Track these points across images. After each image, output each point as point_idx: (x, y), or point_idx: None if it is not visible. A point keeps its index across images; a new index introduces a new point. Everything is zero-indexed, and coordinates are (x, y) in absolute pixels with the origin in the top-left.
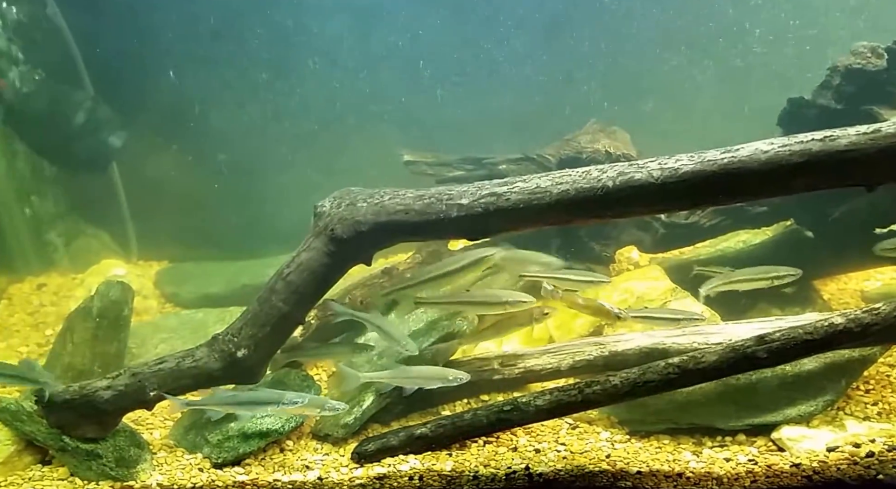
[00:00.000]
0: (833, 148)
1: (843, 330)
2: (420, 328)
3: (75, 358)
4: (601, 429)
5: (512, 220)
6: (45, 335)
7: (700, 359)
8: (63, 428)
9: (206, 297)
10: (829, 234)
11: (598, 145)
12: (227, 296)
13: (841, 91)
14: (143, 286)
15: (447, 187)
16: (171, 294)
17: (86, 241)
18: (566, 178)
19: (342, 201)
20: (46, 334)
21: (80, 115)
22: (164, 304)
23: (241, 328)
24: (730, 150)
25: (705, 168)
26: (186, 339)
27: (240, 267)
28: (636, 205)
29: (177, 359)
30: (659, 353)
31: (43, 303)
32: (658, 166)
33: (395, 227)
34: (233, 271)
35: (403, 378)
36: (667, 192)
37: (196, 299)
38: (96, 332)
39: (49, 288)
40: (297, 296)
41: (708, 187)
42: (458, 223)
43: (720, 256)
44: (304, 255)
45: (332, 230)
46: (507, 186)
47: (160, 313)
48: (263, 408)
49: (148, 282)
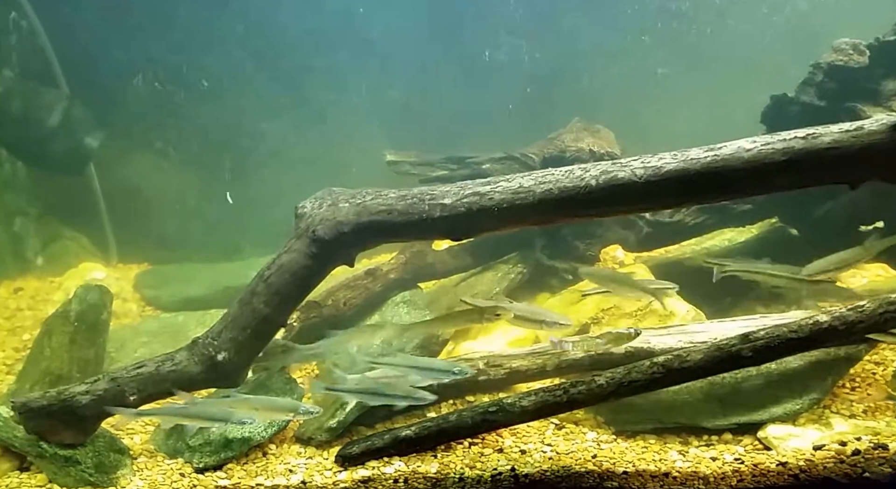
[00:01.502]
0: (816, 146)
1: (828, 328)
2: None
3: (53, 362)
4: (587, 430)
5: (495, 219)
6: (23, 340)
7: (685, 359)
8: (41, 434)
9: (186, 300)
10: (814, 231)
11: (582, 144)
12: (208, 298)
13: (824, 88)
14: (123, 289)
15: (430, 187)
16: (152, 297)
17: (63, 244)
18: (549, 178)
19: (324, 202)
20: (24, 339)
21: (54, 116)
22: (144, 307)
23: (222, 331)
24: (713, 148)
25: (689, 166)
26: (166, 343)
27: (221, 269)
28: (620, 204)
29: (156, 363)
30: (644, 353)
31: (20, 307)
32: (641, 165)
33: (378, 227)
34: (214, 273)
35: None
36: (650, 190)
37: (177, 302)
38: (74, 337)
39: (26, 292)
40: (278, 298)
41: (692, 186)
42: (442, 223)
43: (705, 254)
44: (286, 257)
45: (313, 231)
46: (491, 186)
47: (140, 316)
48: (212, 423)
49: (127, 285)
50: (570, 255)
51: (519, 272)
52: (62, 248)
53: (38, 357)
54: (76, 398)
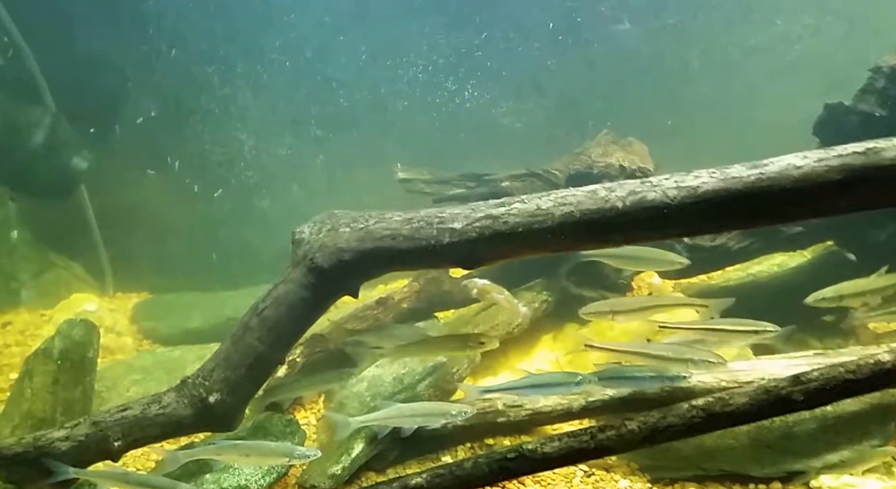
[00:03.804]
0: (877, 162)
1: (891, 369)
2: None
3: (35, 404)
4: (619, 477)
5: (511, 246)
6: (10, 379)
7: (728, 402)
8: (17, 482)
9: (186, 332)
10: (874, 256)
11: (612, 159)
12: (209, 330)
13: (886, 95)
14: (118, 322)
15: (438, 210)
16: (149, 329)
17: (56, 273)
18: (570, 199)
19: (323, 226)
20: (11, 378)
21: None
22: (140, 341)
23: (213, 370)
24: (758, 165)
25: (729, 187)
26: (161, 381)
27: (223, 298)
28: (650, 229)
29: (142, 406)
30: (682, 393)
31: (7, 343)
32: (675, 184)
33: (382, 254)
34: (216, 303)
35: (400, 417)
36: (685, 214)
37: (176, 335)
38: (58, 376)
39: (14, 326)
40: (274, 334)
41: (733, 209)
42: (451, 250)
43: (752, 281)
44: (282, 288)
45: (311, 259)
46: (505, 208)
47: (136, 351)
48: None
49: (123, 317)
50: (599, 283)
51: (544, 301)
52: (54, 278)
53: (19, 399)
54: (55, 445)
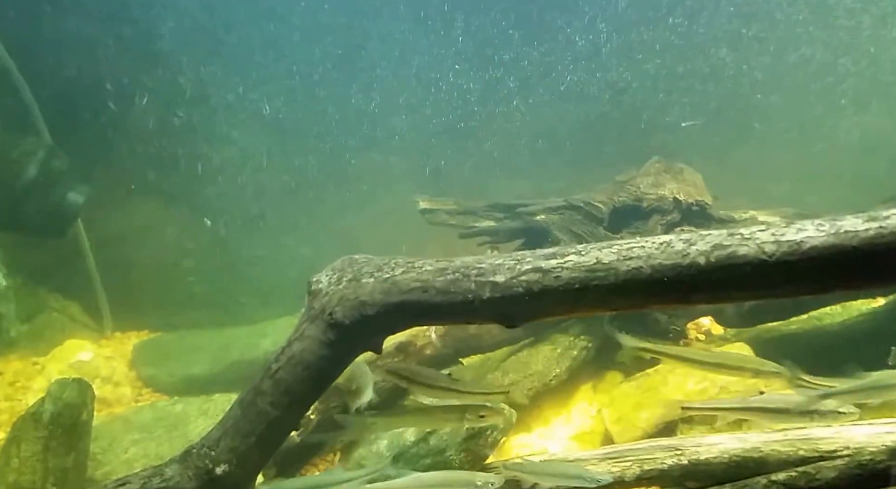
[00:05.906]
0: None
1: None
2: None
3: (23, 475)
4: None
5: (564, 304)
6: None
7: (814, 476)
8: None
9: (188, 380)
10: None
11: (664, 190)
12: (212, 377)
13: None
14: (115, 371)
15: (475, 259)
16: (149, 377)
17: (49, 315)
18: (637, 251)
19: (343, 275)
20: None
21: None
22: (140, 390)
23: (220, 438)
24: (876, 217)
25: (842, 242)
26: (162, 440)
27: (229, 336)
28: (740, 289)
29: (142, 480)
30: (754, 463)
31: None
32: (772, 238)
33: (411, 308)
34: (221, 343)
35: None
36: (786, 274)
37: (177, 382)
38: (48, 443)
39: (5, 377)
40: (288, 397)
41: (847, 269)
42: (493, 306)
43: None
44: (297, 346)
45: (330, 314)
46: (557, 260)
47: (135, 402)
48: None
49: (121, 364)
50: (648, 329)
51: (583, 347)
52: (47, 321)
53: (5, 469)
54: None
